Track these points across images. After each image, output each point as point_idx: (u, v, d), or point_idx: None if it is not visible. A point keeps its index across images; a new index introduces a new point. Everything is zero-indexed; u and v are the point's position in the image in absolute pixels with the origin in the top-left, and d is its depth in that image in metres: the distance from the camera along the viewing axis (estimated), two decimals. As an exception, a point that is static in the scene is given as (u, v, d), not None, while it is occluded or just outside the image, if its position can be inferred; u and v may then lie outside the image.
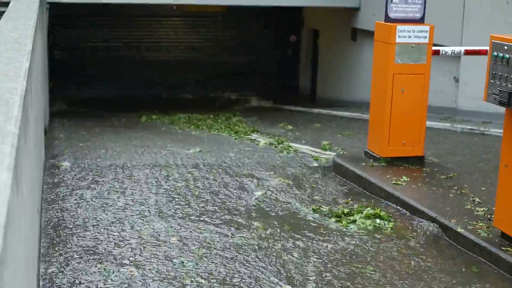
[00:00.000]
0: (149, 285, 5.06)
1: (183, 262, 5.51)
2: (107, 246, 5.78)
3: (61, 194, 7.28)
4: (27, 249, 3.63)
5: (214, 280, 5.21)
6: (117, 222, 6.41)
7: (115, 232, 6.14)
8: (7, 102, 3.36)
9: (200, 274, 5.31)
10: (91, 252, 5.65)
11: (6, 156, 2.67)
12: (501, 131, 6.07)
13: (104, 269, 5.31)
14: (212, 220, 6.57)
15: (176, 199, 7.20)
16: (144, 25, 19.40)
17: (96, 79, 18.97)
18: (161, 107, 15.83)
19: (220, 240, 6.06)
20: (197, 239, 6.05)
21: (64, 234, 6.05)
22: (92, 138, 10.92)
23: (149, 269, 5.33)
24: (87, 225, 6.30)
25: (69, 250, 5.69)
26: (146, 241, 5.93)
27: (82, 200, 7.07)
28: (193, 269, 5.38)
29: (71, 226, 6.28)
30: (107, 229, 6.21)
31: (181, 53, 19.80)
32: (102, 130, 12.16)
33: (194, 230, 6.27)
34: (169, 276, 5.22)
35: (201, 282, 5.16)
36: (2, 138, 2.81)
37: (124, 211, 6.74)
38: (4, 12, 7.45)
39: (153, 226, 6.34)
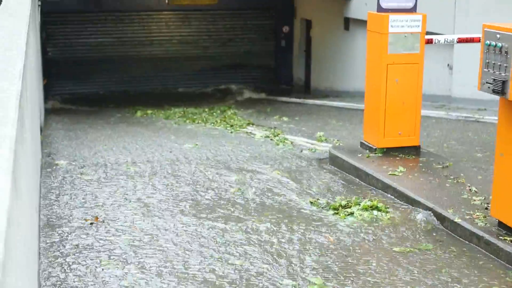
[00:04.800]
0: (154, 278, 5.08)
1: (183, 263, 5.52)
2: (101, 243, 5.79)
3: (58, 192, 7.27)
4: (27, 250, 3.63)
5: (213, 276, 5.22)
6: (114, 219, 6.40)
7: (111, 228, 6.14)
8: (3, 104, 3.35)
9: (200, 270, 5.31)
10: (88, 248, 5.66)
11: (4, 160, 2.67)
12: (497, 118, 6.08)
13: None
14: (208, 215, 6.57)
15: (174, 194, 7.20)
16: (136, 20, 19.38)
17: (90, 75, 18.94)
18: (156, 102, 15.83)
19: (218, 234, 6.06)
20: (194, 234, 6.05)
21: (61, 232, 6.05)
22: (87, 135, 10.91)
23: (149, 267, 5.35)
24: (84, 223, 6.30)
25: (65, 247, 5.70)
26: (142, 237, 5.94)
27: (79, 198, 7.06)
28: (192, 266, 5.39)
29: (68, 223, 6.28)
30: (103, 227, 6.21)
31: (174, 47, 19.77)
32: (97, 126, 12.15)
33: (190, 225, 6.27)
34: (168, 270, 5.23)
35: (204, 276, 5.16)
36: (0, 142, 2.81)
37: (121, 208, 6.73)
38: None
39: (152, 221, 6.34)
